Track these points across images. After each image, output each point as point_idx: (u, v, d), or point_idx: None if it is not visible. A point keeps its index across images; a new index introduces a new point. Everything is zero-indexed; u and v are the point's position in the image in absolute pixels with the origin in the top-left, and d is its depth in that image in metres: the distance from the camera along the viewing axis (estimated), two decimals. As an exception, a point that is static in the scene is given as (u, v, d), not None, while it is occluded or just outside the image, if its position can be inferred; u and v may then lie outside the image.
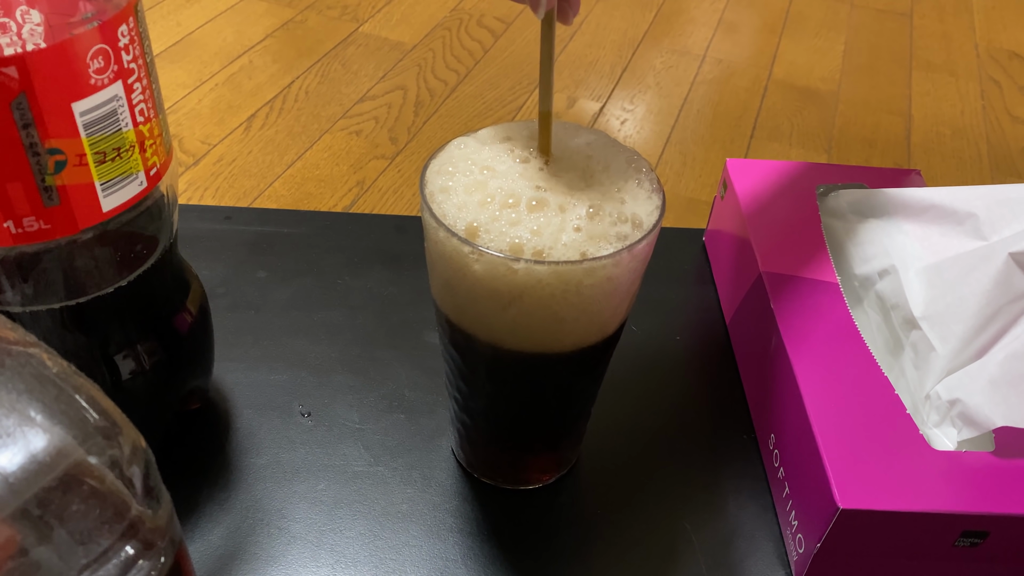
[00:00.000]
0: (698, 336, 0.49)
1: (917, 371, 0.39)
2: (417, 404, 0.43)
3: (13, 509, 0.22)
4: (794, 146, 0.85)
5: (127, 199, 0.30)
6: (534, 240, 0.30)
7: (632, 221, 0.31)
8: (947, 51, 1.04)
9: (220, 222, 0.53)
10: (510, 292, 0.30)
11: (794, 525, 0.37)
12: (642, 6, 1.05)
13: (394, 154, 0.77)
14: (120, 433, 0.25)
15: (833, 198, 0.47)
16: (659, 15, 1.04)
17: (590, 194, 0.32)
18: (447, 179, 0.32)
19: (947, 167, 0.85)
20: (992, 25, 1.10)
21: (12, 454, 0.22)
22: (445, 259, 0.31)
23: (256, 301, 0.47)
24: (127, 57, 0.28)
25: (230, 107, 0.81)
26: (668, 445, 0.43)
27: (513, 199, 0.31)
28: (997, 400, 0.35)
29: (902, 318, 0.40)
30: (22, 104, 0.26)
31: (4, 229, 0.28)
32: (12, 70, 0.25)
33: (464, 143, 0.34)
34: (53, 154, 0.27)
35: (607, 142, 0.34)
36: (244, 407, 0.42)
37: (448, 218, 0.31)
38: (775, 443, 0.40)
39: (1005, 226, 0.40)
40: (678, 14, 1.04)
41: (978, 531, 0.34)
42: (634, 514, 0.40)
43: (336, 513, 0.38)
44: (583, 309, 0.31)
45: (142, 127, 0.30)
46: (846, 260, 0.44)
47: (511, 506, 0.40)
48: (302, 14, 0.98)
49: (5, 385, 0.23)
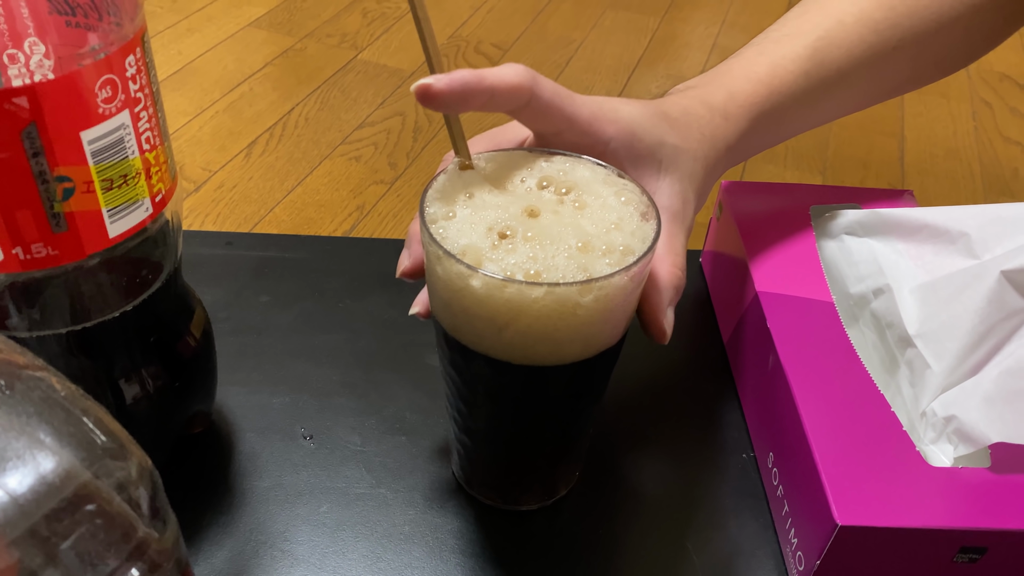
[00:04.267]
0: (696, 356, 0.49)
1: (913, 388, 0.39)
2: (418, 426, 0.43)
3: (23, 530, 0.22)
4: (789, 168, 0.86)
5: (133, 225, 0.31)
6: (530, 263, 0.30)
7: (627, 244, 0.32)
8: (939, 73, 1.05)
9: (222, 247, 0.53)
10: (508, 313, 0.30)
11: (794, 543, 0.37)
12: (637, 31, 1.07)
13: (393, 179, 0.78)
14: (128, 455, 0.25)
15: (827, 219, 0.48)
16: (654, 40, 1.05)
17: (585, 221, 0.32)
18: (446, 204, 0.33)
19: (940, 187, 0.86)
20: (983, 48, 1.11)
21: (22, 476, 0.22)
22: (444, 281, 0.32)
23: (258, 325, 0.48)
24: (134, 87, 0.29)
25: (231, 134, 0.82)
26: (668, 464, 0.43)
27: (511, 224, 0.32)
28: (992, 416, 0.36)
29: (897, 336, 0.41)
30: (32, 133, 0.27)
31: (12, 255, 0.29)
32: (23, 100, 0.26)
33: (462, 171, 0.34)
34: (61, 182, 0.28)
35: (607, 173, 0.35)
36: (247, 430, 0.42)
37: (448, 241, 0.31)
38: (774, 461, 0.40)
39: (997, 244, 0.40)
40: (672, 39, 1.06)
41: (976, 547, 0.34)
42: (635, 534, 0.40)
43: (339, 535, 0.38)
44: (579, 329, 0.31)
45: (148, 154, 0.31)
46: (841, 280, 0.45)
47: (512, 527, 0.40)
48: (301, 42, 0.99)
49: (15, 408, 0.23)
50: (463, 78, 0.32)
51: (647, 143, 0.36)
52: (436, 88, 0.31)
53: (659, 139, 0.37)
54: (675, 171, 0.37)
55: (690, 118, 0.39)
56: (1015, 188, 0.87)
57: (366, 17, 1.05)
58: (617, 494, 0.42)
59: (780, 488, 0.39)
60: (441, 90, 0.32)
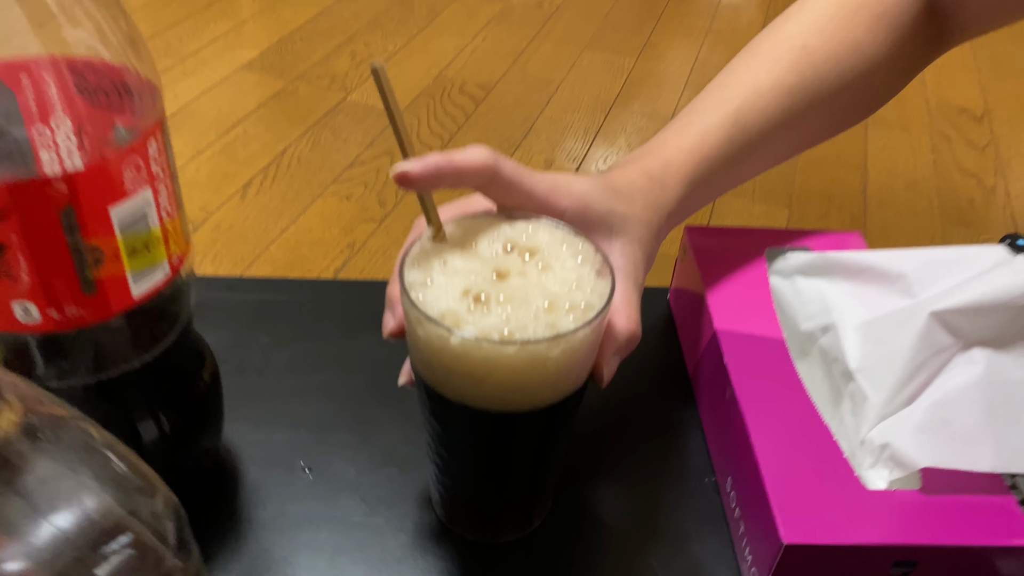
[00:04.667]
0: (663, 386, 0.53)
1: (854, 418, 0.43)
2: (408, 458, 0.47)
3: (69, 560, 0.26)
4: (757, 202, 0.90)
5: (153, 286, 0.35)
6: (503, 323, 0.35)
7: (588, 301, 0.36)
8: (901, 108, 1.10)
9: (224, 291, 0.57)
10: (484, 368, 0.34)
11: (749, 560, 0.41)
12: (613, 71, 1.11)
13: (382, 217, 0.82)
14: (156, 492, 0.29)
15: (781, 261, 0.52)
16: (629, 79, 1.10)
17: (550, 281, 0.36)
18: (423, 271, 0.37)
19: (900, 219, 0.90)
20: (942, 82, 1.16)
21: (70, 513, 0.26)
22: (426, 341, 0.35)
23: (259, 365, 0.52)
24: (156, 167, 0.33)
25: (226, 175, 0.86)
26: (636, 488, 0.47)
27: (483, 288, 0.36)
28: (922, 443, 0.40)
29: (841, 370, 0.45)
30: (69, 213, 0.31)
31: (48, 316, 0.33)
32: (62, 185, 0.30)
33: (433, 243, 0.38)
34: (93, 252, 0.32)
35: (566, 233, 0.39)
36: (251, 464, 0.46)
37: (427, 306, 0.35)
38: (732, 485, 0.45)
39: (930, 285, 0.45)
40: (647, 78, 1.11)
41: (909, 561, 0.38)
42: (606, 556, 0.44)
43: (337, 560, 0.42)
44: (549, 378, 0.35)
45: (167, 223, 0.35)
46: (793, 317, 0.49)
47: (493, 553, 0.44)
48: (293, 84, 1.03)
49: (64, 454, 0.27)
50: (435, 162, 0.36)
51: (598, 212, 0.41)
52: (412, 172, 0.36)
53: (609, 208, 0.41)
54: (624, 236, 0.41)
55: (634, 188, 0.43)
56: (971, 218, 0.91)
57: (354, 59, 1.09)
58: (589, 520, 0.46)
59: (737, 510, 0.43)
60: (416, 173, 0.36)
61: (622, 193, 0.43)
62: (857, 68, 0.50)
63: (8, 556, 0.25)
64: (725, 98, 0.49)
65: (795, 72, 0.49)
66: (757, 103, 0.48)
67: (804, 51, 0.50)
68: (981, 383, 0.41)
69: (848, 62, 0.50)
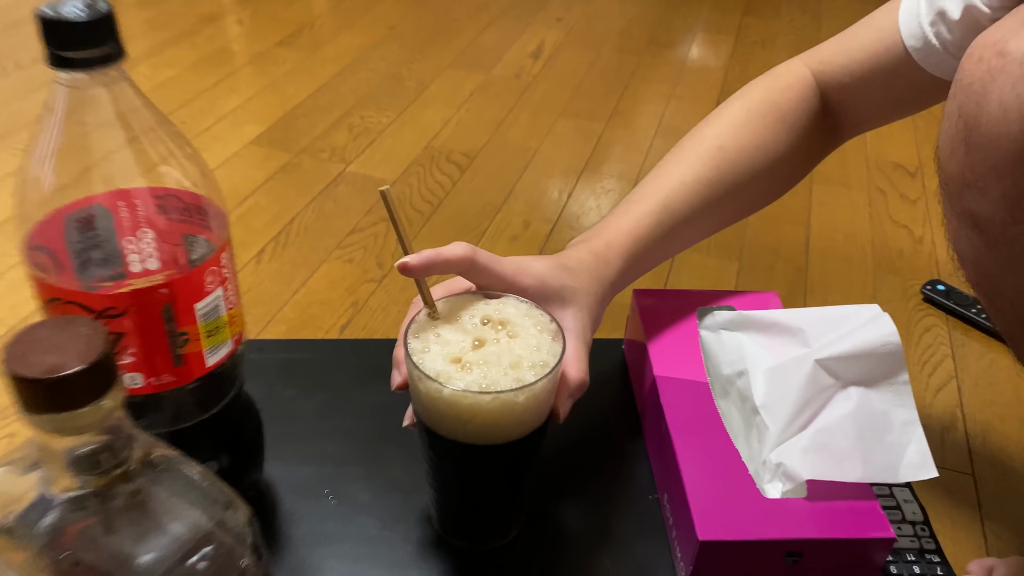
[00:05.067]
0: (619, 422, 0.65)
1: (759, 444, 0.55)
2: (411, 485, 0.59)
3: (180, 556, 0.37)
4: (711, 256, 1.02)
5: (221, 357, 0.47)
6: (482, 380, 0.47)
7: (545, 360, 0.48)
8: (843, 165, 1.22)
9: (255, 352, 0.69)
10: (468, 412, 0.47)
11: (679, 556, 0.53)
12: (584, 137, 1.24)
13: (381, 277, 0.94)
14: (238, 508, 0.40)
15: (709, 318, 0.64)
16: (598, 145, 1.22)
17: (516, 346, 0.49)
18: (422, 341, 0.49)
19: (838, 268, 1.02)
20: (881, 140, 1.28)
21: (182, 522, 0.38)
22: (424, 393, 0.47)
23: (288, 414, 0.63)
24: (225, 271, 0.45)
25: (241, 244, 0.98)
26: (595, 505, 0.59)
27: (467, 354, 0.48)
28: (807, 461, 0.52)
29: (750, 407, 0.57)
30: (168, 309, 0.43)
31: (148, 383, 0.44)
32: (165, 289, 0.42)
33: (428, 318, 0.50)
34: (182, 335, 0.44)
35: (528, 307, 0.51)
36: (286, 493, 0.58)
37: (426, 367, 0.47)
38: (668, 500, 0.56)
39: (821, 337, 0.57)
40: (614, 143, 1.23)
41: (796, 552, 0.50)
42: (570, 556, 0.56)
43: (358, 565, 0.54)
44: (518, 418, 0.48)
45: (231, 311, 0.47)
46: (717, 364, 0.61)
47: (482, 556, 0.55)
48: (297, 157, 1.15)
49: (173, 480, 0.39)
50: (427, 256, 0.49)
51: (553, 287, 0.53)
52: (411, 264, 0.48)
53: (562, 284, 0.53)
54: (575, 304, 0.54)
55: (582, 266, 0.56)
56: (900, 265, 1.03)
57: (351, 132, 1.21)
58: (556, 530, 0.58)
59: (671, 518, 0.55)
60: (414, 264, 0.48)
61: (572, 271, 0.55)
62: (764, 163, 0.63)
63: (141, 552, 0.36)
64: (656, 190, 0.61)
65: (713, 168, 0.62)
66: (682, 194, 0.61)
67: (720, 150, 0.62)
68: (853, 414, 0.53)
69: (757, 159, 0.63)
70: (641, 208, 0.60)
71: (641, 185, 0.64)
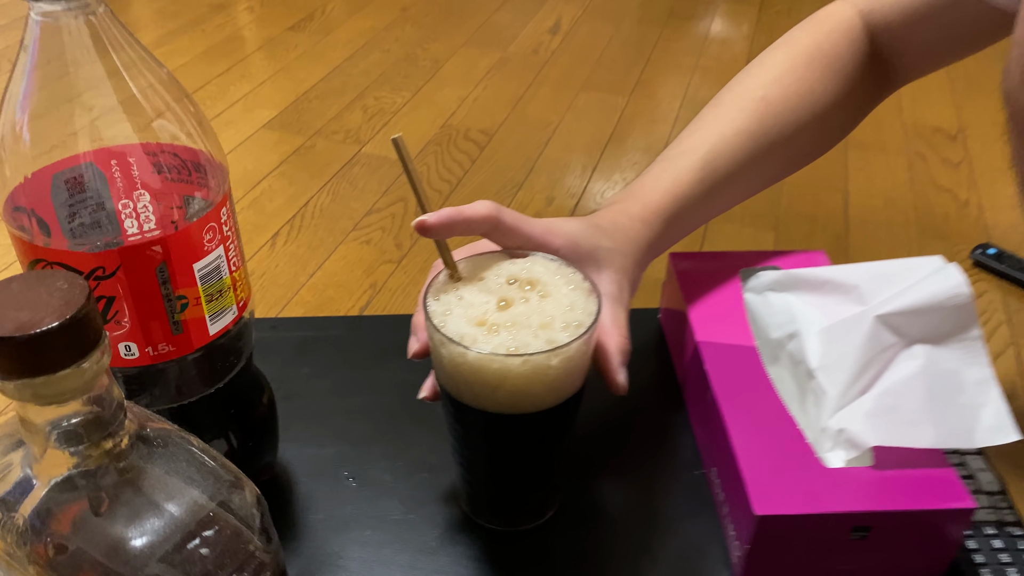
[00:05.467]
0: (658, 394, 0.61)
1: (816, 410, 0.50)
2: (437, 465, 0.55)
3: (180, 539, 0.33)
4: (745, 226, 0.97)
5: (225, 324, 0.43)
6: (511, 341, 0.42)
7: (579, 320, 0.43)
8: (878, 130, 1.17)
9: (267, 331, 0.65)
10: (497, 379, 0.42)
11: (732, 535, 0.48)
12: (607, 110, 1.19)
13: (400, 258, 0.90)
14: (244, 486, 0.36)
15: (753, 279, 0.59)
16: (623, 117, 1.18)
17: (547, 306, 0.44)
18: (443, 304, 0.44)
19: (879, 235, 0.97)
20: (917, 104, 1.23)
21: (180, 503, 0.34)
22: (448, 359, 0.43)
23: (304, 392, 0.59)
24: (226, 228, 0.41)
25: (256, 228, 0.95)
26: (635, 484, 0.54)
27: (493, 315, 0.43)
28: (872, 426, 0.47)
29: (805, 371, 0.52)
30: (163, 269, 0.39)
31: (145, 353, 0.40)
32: (158, 247, 0.38)
33: (449, 281, 0.46)
34: (180, 299, 0.40)
35: (559, 265, 0.47)
36: (302, 475, 0.54)
37: (448, 331, 0.43)
38: (717, 473, 0.52)
39: (877, 293, 0.52)
40: (639, 115, 1.19)
41: (864, 526, 0.45)
42: (609, 541, 0.51)
43: (381, 551, 0.49)
44: (551, 384, 0.43)
45: (235, 273, 0.43)
46: (764, 328, 0.56)
47: (517, 539, 0.51)
48: (311, 140, 1.12)
49: (171, 457, 0.35)
50: (448, 214, 0.44)
51: (587, 248, 0.48)
52: (429, 222, 0.44)
53: (596, 244, 0.49)
54: (610, 267, 0.49)
55: (617, 227, 0.51)
56: (945, 231, 0.98)
57: (366, 113, 1.17)
58: (594, 511, 0.53)
59: (721, 494, 0.51)
60: (433, 223, 0.44)
61: (607, 231, 0.51)
62: (811, 113, 0.58)
63: (134, 535, 0.32)
64: (695, 145, 0.57)
65: (756, 120, 0.57)
66: (723, 148, 0.56)
67: (764, 101, 0.57)
68: (921, 374, 0.48)
69: (803, 109, 0.58)
70: (680, 165, 0.56)
71: (678, 141, 0.59)
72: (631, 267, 0.51)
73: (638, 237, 0.52)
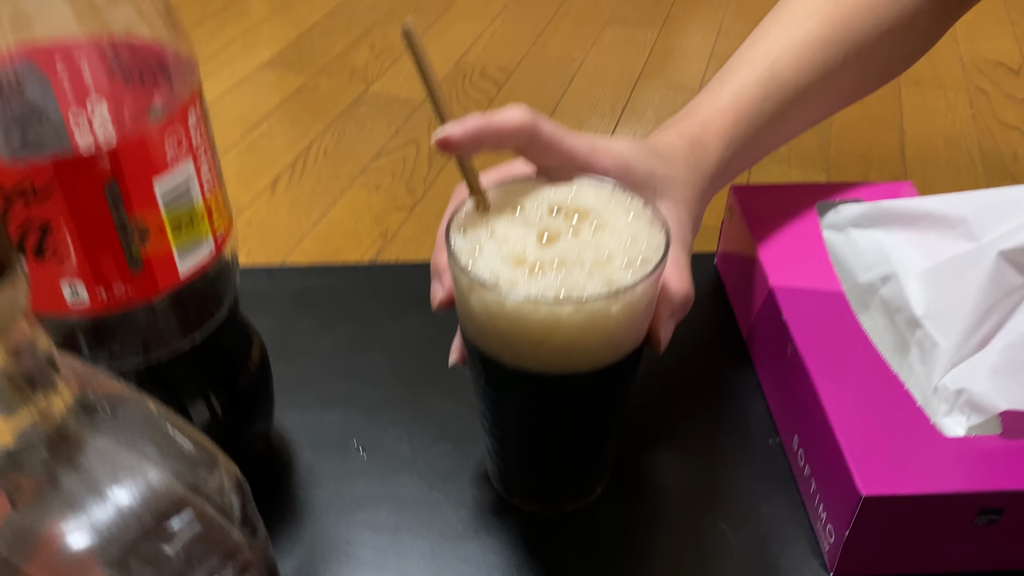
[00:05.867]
0: (718, 351, 0.52)
1: (924, 366, 0.42)
2: (463, 433, 0.46)
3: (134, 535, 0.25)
4: (794, 167, 0.88)
5: (199, 263, 0.34)
6: (560, 283, 0.33)
7: (644, 255, 0.34)
8: (933, 65, 1.08)
9: (264, 280, 0.56)
10: (543, 331, 0.33)
11: (823, 517, 0.40)
12: (636, 46, 1.10)
13: (413, 204, 0.81)
14: (218, 466, 0.28)
15: (833, 214, 0.50)
16: (652, 53, 1.08)
17: (603, 238, 0.35)
18: (471, 239, 0.36)
19: (942, 177, 0.88)
20: (974, 37, 1.13)
21: (131, 487, 0.25)
22: (480, 309, 0.34)
23: (304, 350, 0.51)
24: (195, 137, 0.32)
25: (254, 172, 0.86)
26: (698, 456, 0.46)
27: (535, 250, 0.35)
28: (1000, 386, 0.38)
29: (906, 319, 0.43)
30: (113, 187, 0.30)
31: (96, 296, 0.32)
32: (105, 160, 0.29)
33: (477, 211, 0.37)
34: (138, 227, 0.31)
35: (612, 190, 0.37)
36: (304, 446, 0.45)
37: (478, 271, 0.34)
38: (799, 443, 0.43)
39: (993, 227, 0.43)
40: (671, 51, 1.09)
41: (994, 508, 0.37)
42: (672, 522, 0.43)
43: (397, 537, 0.41)
44: (608, 337, 0.34)
45: (209, 198, 0.34)
46: (849, 270, 0.47)
47: (557, 523, 0.43)
48: (314, 79, 1.03)
49: (121, 428, 0.26)
50: (475, 124, 0.35)
51: (640, 173, 0.39)
52: (453, 137, 0.35)
53: (651, 169, 0.40)
54: (669, 197, 0.40)
55: (674, 151, 0.42)
56: (1016, 171, 0.89)
57: (373, 50, 1.08)
58: (650, 488, 0.45)
59: (807, 468, 0.42)
60: (458, 138, 0.35)
61: (663, 155, 0.42)
62: (893, 16, 0.48)
63: (72, 532, 0.24)
64: (758, 56, 0.47)
65: (828, 25, 0.47)
66: (792, 58, 0.47)
67: (836, 4, 0.48)
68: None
69: (883, 11, 0.48)
70: (742, 79, 0.46)
71: (737, 54, 0.49)
72: (693, 199, 0.42)
73: (699, 163, 0.43)
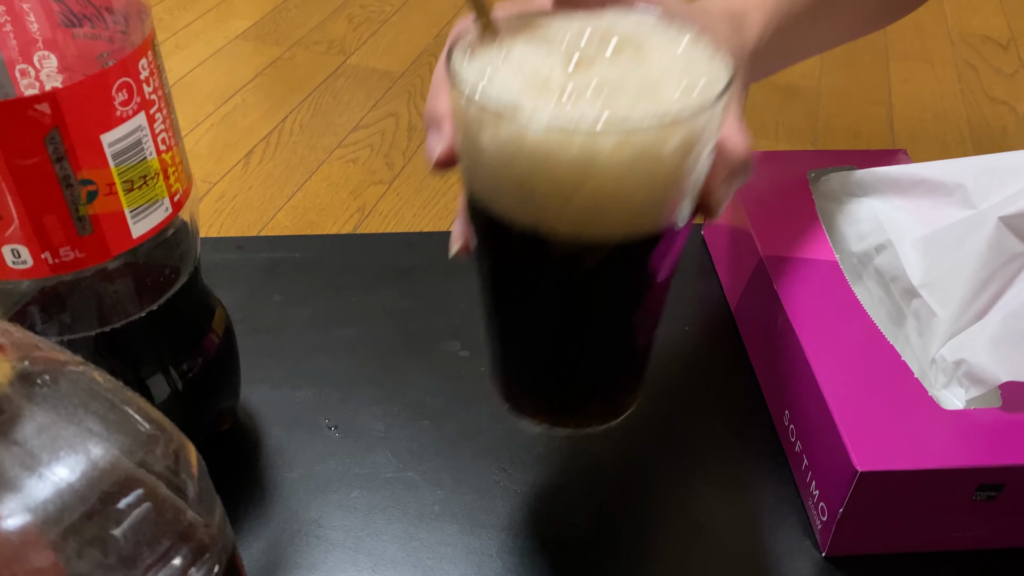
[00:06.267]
0: (705, 325, 0.50)
1: (921, 337, 0.40)
2: (439, 410, 0.44)
3: (78, 516, 0.23)
4: (781, 141, 0.87)
5: (155, 225, 0.32)
6: (596, 112, 0.25)
7: (705, 80, 0.27)
8: (921, 39, 1.06)
9: (232, 252, 0.54)
10: (575, 176, 0.25)
11: (815, 495, 0.38)
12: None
13: (391, 178, 0.79)
14: (170, 441, 0.26)
15: (824, 182, 0.49)
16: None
17: (650, 63, 0.28)
18: (479, 66, 0.27)
19: (931, 150, 0.87)
20: (962, 12, 1.12)
21: (75, 464, 0.23)
22: (493, 149, 0.26)
23: (275, 323, 0.49)
24: (148, 89, 0.30)
25: (227, 146, 0.83)
26: (685, 431, 0.44)
27: (562, 77, 0.27)
28: (1000, 357, 0.37)
29: (902, 288, 0.42)
30: (55, 139, 0.27)
31: (42, 260, 0.30)
32: (44, 107, 0.27)
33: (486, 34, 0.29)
34: (85, 185, 0.29)
35: (655, 21, 0.30)
36: (272, 424, 0.43)
37: (491, 94, 0.26)
38: (790, 418, 0.41)
39: (992, 193, 0.41)
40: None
41: (994, 484, 0.35)
42: (658, 498, 0.41)
43: (371, 518, 0.39)
44: (659, 189, 0.27)
45: (165, 155, 0.31)
46: (843, 239, 0.46)
47: (542, 502, 0.41)
48: (290, 51, 1.00)
49: (64, 401, 0.24)
50: None
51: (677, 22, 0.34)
52: None
53: (689, 18, 0.34)
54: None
55: (715, 23, 0.37)
56: (1004, 145, 0.88)
57: (351, 22, 1.06)
58: (636, 465, 0.43)
59: (798, 443, 0.40)
60: None
61: (703, 10, 0.37)
62: None
63: (7, 512, 0.22)
64: None
65: None
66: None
67: None
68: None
69: None
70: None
71: None
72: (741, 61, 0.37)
73: (741, 38, 0.38)
